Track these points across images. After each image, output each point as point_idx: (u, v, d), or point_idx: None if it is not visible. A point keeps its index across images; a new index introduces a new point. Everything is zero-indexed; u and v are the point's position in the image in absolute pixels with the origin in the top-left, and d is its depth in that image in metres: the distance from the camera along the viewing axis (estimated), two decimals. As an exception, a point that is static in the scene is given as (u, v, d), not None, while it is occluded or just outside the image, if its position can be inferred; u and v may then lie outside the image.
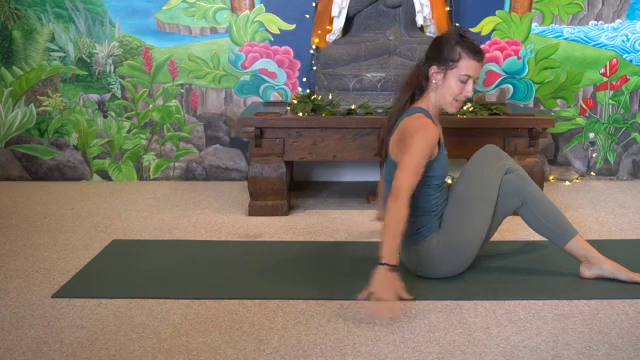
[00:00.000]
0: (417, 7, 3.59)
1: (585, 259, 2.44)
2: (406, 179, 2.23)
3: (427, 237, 2.42)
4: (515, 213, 2.49)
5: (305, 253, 2.77)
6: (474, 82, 2.38)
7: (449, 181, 3.60)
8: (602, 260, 2.43)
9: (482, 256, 2.67)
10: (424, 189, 2.39)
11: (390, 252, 2.14)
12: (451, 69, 2.34)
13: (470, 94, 2.38)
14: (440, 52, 2.36)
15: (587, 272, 2.45)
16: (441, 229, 2.42)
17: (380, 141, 2.55)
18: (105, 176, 4.20)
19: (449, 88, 2.36)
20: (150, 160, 4.18)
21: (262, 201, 3.36)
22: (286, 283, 2.43)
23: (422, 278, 2.46)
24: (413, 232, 2.42)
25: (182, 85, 4.11)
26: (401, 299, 2.14)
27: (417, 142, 2.27)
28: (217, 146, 4.18)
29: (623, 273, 2.41)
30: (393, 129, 2.45)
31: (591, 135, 4.18)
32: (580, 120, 4.16)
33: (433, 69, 2.37)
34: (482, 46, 4.04)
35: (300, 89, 3.98)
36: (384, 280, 2.11)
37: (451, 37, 2.37)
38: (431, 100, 2.42)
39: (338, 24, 3.64)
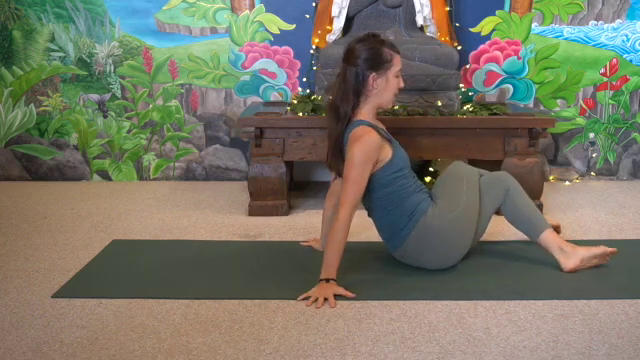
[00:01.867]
0: (417, 7, 3.58)
1: (560, 249, 2.52)
2: (346, 193, 2.35)
3: (427, 210, 2.47)
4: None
5: (305, 253, 2.77)
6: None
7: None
8: (576, 248, 2.53)
9: (481, 256, 2.68)
10: (399, 182, 2.47)
11: (328, 268, 2.32)
12: (389, 69, 2.44)
13: (403, 85, 2.52)
14: (377, 59, 2.43)
15: (569, 263, 2.51)
16: (435, 200, 2.52)
17: (327, 160, 2.56)
18: (105, 176, 4.20)
19: (392, 87, 2.47)
20: (150, 160, 4.18)
21: (262, 201, 3.36)
22: (286, 283, 2.43)
23: (421, 277, 2.47)
24: (409, 215, 2.47)
25: (182, 85, 4.11)
26: (341, 296, 2.28)
27: (355, 154, 2.36)
28: (217, 146, 4.18)
29: (598, 250, 2.52)
30: (344, 145, 2.46)
31: (591, 135, 4.18)
32: (580, 120, 4.16)
33: (373, 77, 2.42)
34: (482, 46, 4.06)
35: (300, 89, 3.98)
36: (321, 287, 2.30)
37: (374, 42, 2.46)
38: (366, 107, 2.47)
39: (338, 24, 3.64)
